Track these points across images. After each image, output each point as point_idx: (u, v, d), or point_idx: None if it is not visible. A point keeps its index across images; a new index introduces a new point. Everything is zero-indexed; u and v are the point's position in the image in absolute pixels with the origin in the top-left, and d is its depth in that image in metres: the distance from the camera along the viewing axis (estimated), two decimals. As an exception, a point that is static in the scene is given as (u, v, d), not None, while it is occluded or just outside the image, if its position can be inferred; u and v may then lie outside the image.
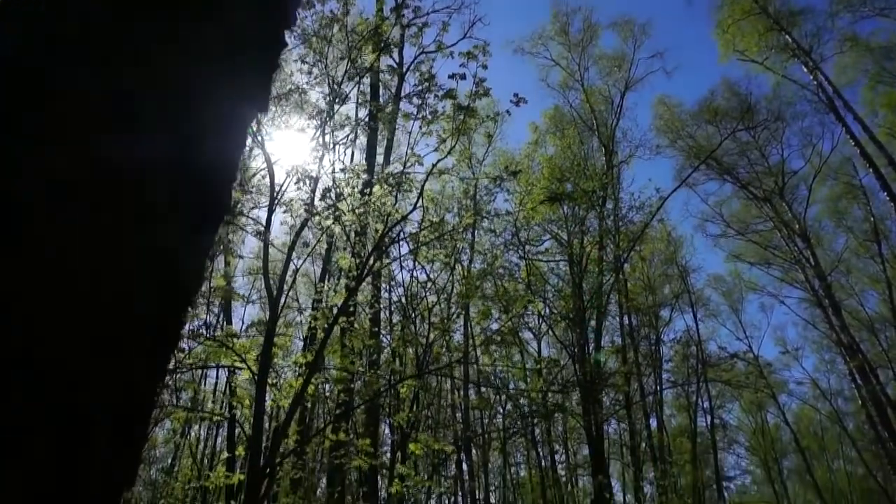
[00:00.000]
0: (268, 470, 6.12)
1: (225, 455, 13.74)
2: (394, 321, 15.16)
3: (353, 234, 7.76)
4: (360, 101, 16.17)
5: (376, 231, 7.58)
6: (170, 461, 24.93)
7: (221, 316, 15.34)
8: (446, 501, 26.46)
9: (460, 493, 21.57)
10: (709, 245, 59.55)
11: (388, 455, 14.94)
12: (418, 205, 7.08)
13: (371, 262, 6.88)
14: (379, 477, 13.62)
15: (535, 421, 14.94)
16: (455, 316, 15.06)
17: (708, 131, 25.42)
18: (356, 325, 10.93)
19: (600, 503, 15.45)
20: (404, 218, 6.97)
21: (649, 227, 22.07)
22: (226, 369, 10.38)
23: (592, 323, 18.68)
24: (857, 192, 26.16)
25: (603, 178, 19.75)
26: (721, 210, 28.11)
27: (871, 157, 19.14)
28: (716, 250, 55.89)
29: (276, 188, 7.13)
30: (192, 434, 27.36)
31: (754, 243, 27.20)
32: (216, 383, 23.66)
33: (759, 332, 52.45)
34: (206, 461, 23.52)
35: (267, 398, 7.00)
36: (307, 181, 6.73)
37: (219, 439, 25.83)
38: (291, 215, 6.95)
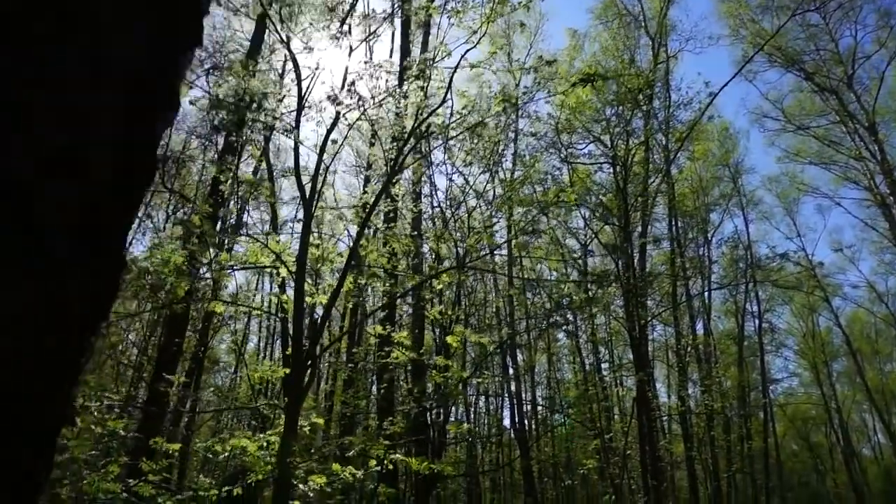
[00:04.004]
0: (308, 362, 6.40)
1: (278, 354, 14.49)
2: (435, 225, 15.23)
3: (383, 131, 7.66)
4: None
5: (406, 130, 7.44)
6: (233, 369, 26.69)
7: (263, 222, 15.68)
8: (494, 402, 27.58)
9: (507, 394, 22.37)
10: (764, 145, 56.88)
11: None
12: (447, 98, 6.87)
13: (402, 157, 6.80)
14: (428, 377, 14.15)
15: (574, 313, 15.03)
16: (496, 220, 15.00)
17: (775, 17, 23.45)
18: (397, 230, 11.02)
19: (642, 400, 15.73)
20: (434, 111, 6.80)
21: (701, 125, 21.04)
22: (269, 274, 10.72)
23: (639, 228, 18.37)
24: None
25: (650, 74, 18.72)
26: (781, 104, 26.50)
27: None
28: (771, 150, 53.27)
29: (304, 88, 7.04)
30: (251, 345, 29.13)
31: (815, 138, 25.72)
32: (271, 287, 24.72)
33: (814, 233, 50.75)
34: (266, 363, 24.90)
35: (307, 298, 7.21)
36: (333, 80, 6.58)
37: (276, 350, 27.32)
38: (320, 113, 6.86)
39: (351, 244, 13.04)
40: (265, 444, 5.91)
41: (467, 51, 6.99)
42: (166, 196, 16.26)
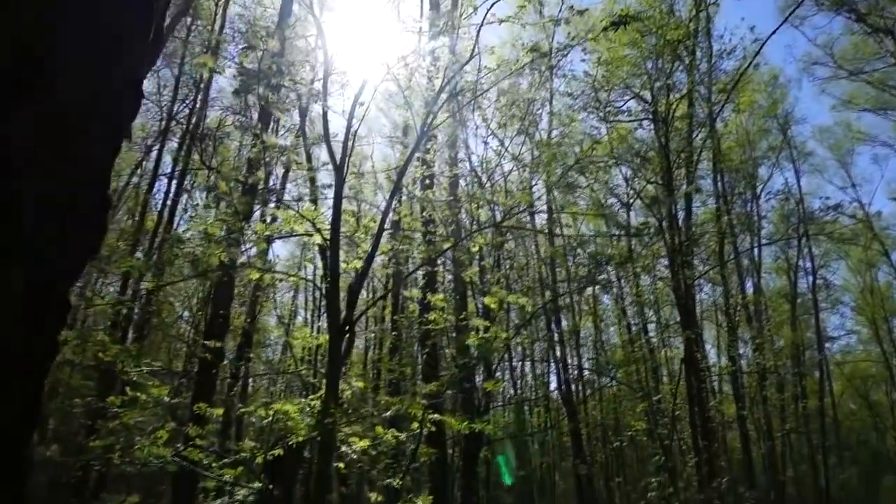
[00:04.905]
0: (346, 327, 6.43)
1: (324, 325, 14.76)
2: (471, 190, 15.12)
3: (415, 96, 7.53)
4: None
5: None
6: (281, 341, 27.36)
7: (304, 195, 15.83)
8: (539, 367, 27.60)
9: (552, 359, 22.29)
10: (815, 93, 54.22)
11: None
12: (475, 52, 6.67)
13: (433, 116, 6.68)
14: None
15: (616, 271, 14.77)
16: (534, 183, 14.75)
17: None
18: (433, 196, 10.92)
19: (691, 360, 15.42)
20: (463, 66, 6.64)
21: (747, 75, 20.10)
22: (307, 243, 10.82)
23: (683, 186, 17.80)
24: None
25: (690, 23, 17.90)
26: (831, 49, 25.06)
27: None
28: (822, 99, 50.87)
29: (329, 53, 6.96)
30: (300, 319, 29.80)
31: (869, 84, 24.33)
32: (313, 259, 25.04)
33: (870, 185, 48.37)
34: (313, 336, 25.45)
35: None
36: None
37: (323, 322, 27.86)
38: (344, 75, 6.79)
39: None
40: (307, 407, 6.01)
41: (493, 3, 6.76)
42: (205, 174, 16.58)
